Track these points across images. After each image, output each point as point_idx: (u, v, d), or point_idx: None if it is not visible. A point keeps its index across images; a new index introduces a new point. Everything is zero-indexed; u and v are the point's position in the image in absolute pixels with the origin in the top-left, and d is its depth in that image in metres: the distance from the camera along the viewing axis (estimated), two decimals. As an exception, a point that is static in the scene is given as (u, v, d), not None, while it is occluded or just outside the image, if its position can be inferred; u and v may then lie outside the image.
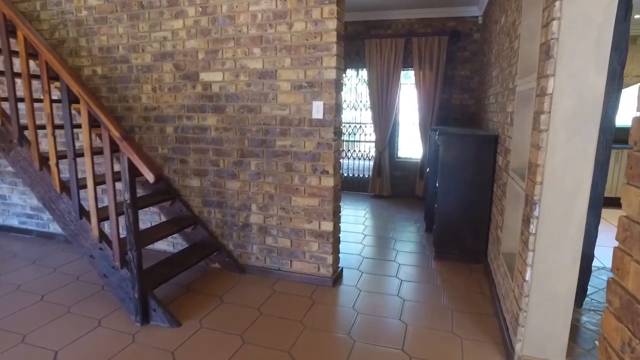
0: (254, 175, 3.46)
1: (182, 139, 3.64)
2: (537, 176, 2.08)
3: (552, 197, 2.06)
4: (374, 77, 6.43)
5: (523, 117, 2.75)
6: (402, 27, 6.38)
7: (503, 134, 3.35)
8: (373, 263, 3.93)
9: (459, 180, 3.81)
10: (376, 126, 6.58)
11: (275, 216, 3.47)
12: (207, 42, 3.39)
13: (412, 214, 5.78)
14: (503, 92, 3.47)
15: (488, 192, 3.75)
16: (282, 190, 3.40)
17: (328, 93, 3.11)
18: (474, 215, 3.84)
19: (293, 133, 3.27)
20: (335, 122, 3.16)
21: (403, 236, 4.78)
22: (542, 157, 2.05)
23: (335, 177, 3.27)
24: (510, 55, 3.22)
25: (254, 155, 3.43)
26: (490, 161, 3.69)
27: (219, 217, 3.67)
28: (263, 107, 3.33)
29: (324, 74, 3.10)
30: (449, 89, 6.31)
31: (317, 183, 3.27)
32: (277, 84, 3.25)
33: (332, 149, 3.18)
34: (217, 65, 3.40)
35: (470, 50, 6.16)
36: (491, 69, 4.49)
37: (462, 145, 3.77)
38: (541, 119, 2.03)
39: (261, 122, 3.35)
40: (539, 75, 2.16)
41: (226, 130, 3.48)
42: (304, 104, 3.20)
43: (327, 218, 3.31)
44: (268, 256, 3.58)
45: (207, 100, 3.49)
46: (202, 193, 3.68)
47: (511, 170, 2.86)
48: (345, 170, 7.23)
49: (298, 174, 3.32)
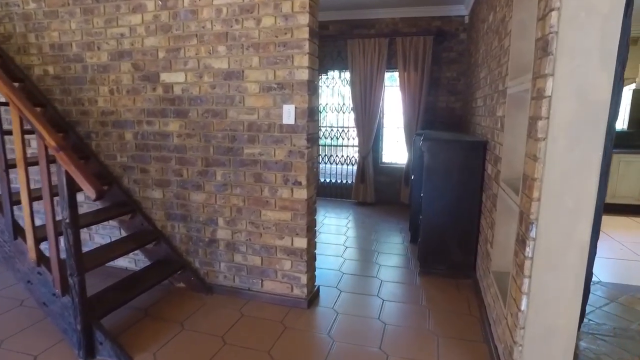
0: (220, 186, 3.14)
1: (142, 146, 3.30)
2: (534, 192, 1.79)
3: (551, 217, 1.78)
4: (357, 79, 6.15)
5: (515, 123, 2.47)
6: (385, 27, 6.11)
7: (492, 140, 3.08)
8: (353, 280, 3.63)
9: (445, 190, 3.53)
10: (359, 130, 6.29)
11: (244, 231, 3.15)
12: (167, 39, 3.06)
13: (397, 222, 5.49)
14: (492, 94, 3.20)
15: (476, 203, 3.47)
16: (250, 202, 3.08)
17: (300, 95, 2.81)
18: (462, 227, 3.56)
19: (262, 140, 2.96)
20: (308, 127, 2.85)
21: (387, 248, 4.49)
22: (539, 170, 1.77)
23: (309, 188, 2.96)
24: (500, 54, 2.96)
25: (220, 165, 3.10)
26: (478, 169, 3.42)
27: (184, 231, 3.34)
28: (229, 112, 3.01)
29: (295, 74, 2.80)
30: (434, 91, 6.05)
31: (289, 195, 2.96)
32: (244, 86, 2.94)
33: (305, 158, 2.87)
34: (179, 65, 3.07)
35: (456, 51, 5.91)
36: (479, 70, 4.23)
37: (448, 151, 3.49)
38: (538, 126, 1.75)
39: (227, 128, 3.03)
40: (534, 75, 1.88)
41: (189, 136, 3.15)
42: (273, 108, 2.89)
43: (301, 234, 2.99)
44: (237, 275, 3.25)
45: (168, 103, 3.16)
46: (165, 205, 3.34)
47: (502, 181, 2.58)
48: (328, 176, 6.93)
49: (268, 185, 3.00)
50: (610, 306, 3.14)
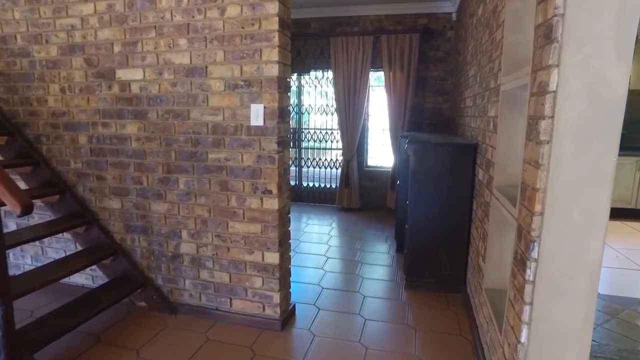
0: (184, 195, 2.82)
1: (98, 150, 2.97)
2: (536, 204, 1.51)
3: (556, 234, 1.50)
4: (340, 79, 5.86)
5: (510, 123, 2.19)
6: (370, 24, 5.84)
7: (484, 143, 2.81)
8: (334, 296, 3.32)
9: (432, 196, 3.25)
10: (343, 132, 6.00)
11: (209, 245, 2.83)
12: (123, 31, 2.74)
13: (383, 229, 5.21)
14: (482, 93, 2.93)
15: (467, 211, 3.20)
16: (217, 213, 2.76)
17: (269, 94, 2.51)
18: (451, 237, 3.28)
19: (228, 144, 2.65)
20: (279, 130, 2.55)
21: (371, 258, 4.19)
22: (542, 179, 1.48)
23: (281, 197, 2.65)
24: (491, 49, 2.69)
25: (183, 171, 2.79)
26: (468, 174, 3.14)
27: (145, 245, 3.01)
28: (192, 112, 2.69)
29: (264, 69, 2.49)
30: (421, 92, 5.79)
31: (259, 205, 2.65)
32: (207, 83, 2.62)
33: (276, 164, 2.56)
34: (137, 61, 2.75)
35: (443, 50, 5.66)
36: (467, 68, 3.97)
37: (436, 155, 3.22)
38: (540, 127, 1.47)
39: (190, 131, 2.72)
40: (534, 67, 1.60)
41: (149, 140, 2.83)
42: (240, 108, 2.58)
43: (272, 248, 2.68)
44: (203, 293, 2.93)
45: (125, 103, 2.83)
46: (124, 216, 3.01)
47: (495, 189, 2.31)
48: (311, 180, 6.63)
49: (235, 194, 2.69)
50: (611, 323, 2.88)
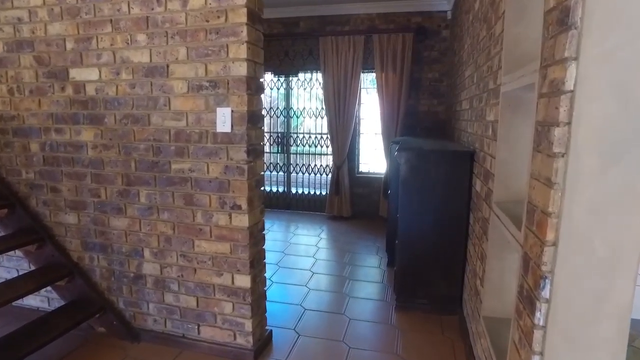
0: (145, 210, 2.51)
1: (51, 159, 2.66)
2: (548, 232, 1.21)
3: (574, 270, 1.20)
4: (330, 80, 5.56)
5: (512, 130, 1.90)
6: (361, 23, 5.55)
7: (482, 150, 2.51)
8: (316, 318, 3.01)
9: (425, 209, 2.95)
10: (333, 137, 5.70)
11: (174, 265, 2.52)
12: (76, 25, 2.43)
13: (375, 240, 4.90)
14: (480, 94, 2.64)
15: (463, 225, 2.90)
16: (181, 230, 2.45)
17: (237, 96, 2.20)
18: (445, 254, 2.97)
19: (193, 152, 2.34)
20: (249, 136, 2.24)
21: (360, 273, 3.89)
22: (555, 201, 1.18)
23: (252, 214, 2.34)
24: (490, 45, 2.39)
25: (144, 183, 2.48)
26: (465, 185, 2.84)
27: (104, 265, 2.69)
28: (152, 117, 2.39)
29: (231, 68, 2.19)
30: (415, 94, 5.50)
31: (227, 222, 2.34)
32: (169, 84, 2.32)
33: (245, 175, 2.25)
34: (92, 59, 2.44)
35: (438, 50, 5.37)
36: (463, 69, 3.68)
37: (429, 163, 2.92)
38: (553, 136, 1.17)
39: (150, 138, 2.41)
40: (544, 62, 1.31)
41: (107, 148, 2.52)
42: (205, 112, 2.28)
43: (243, 270, 2.37)
44: (169, 318, 2.62)
45: (80, 107, 2.53)
46: (81, 233, 2.69)
47: (495, 205, 2.01)
48: (300, 187, 6.32)
49: (201, 209, 2.38)
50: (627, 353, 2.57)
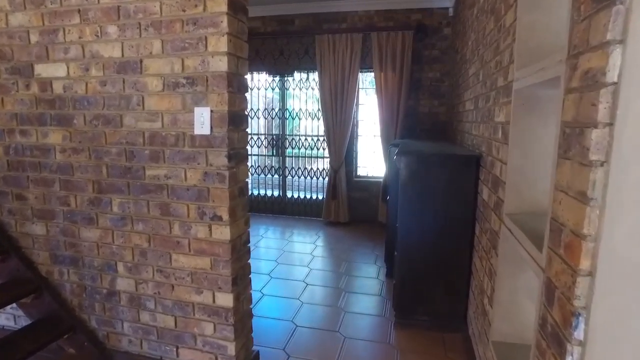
0: (118, 220, 2.27)
1: (16, 164, 2.42)
2: (582, 259, 0.98)
3: (618, 308, 0.96)
4: (327, 80, 5.34)
5: (526, 132, 1.67)
6: (359, 21, 5.33)
7: (489, 155, 2.28)
8: (309, 336, 2.78)
9: (426, 217, 2.72)
10: (330, 139, 5.47)
11: (150, 281, 2.29)
12: (41, 16, 2.20)
13: (373, 247, 4.67)
14: (487, 93, 2.41)
15: (468, 236, 2.66)
16: (157, 243, 2.22)
17: (217, 94, 1.97)
18: (449, 266, 2.74)
19: (169, 157, 2.11)
20: (230, 139, 2.01)
21: (358, 285, 3.65)
22: (592, 220, 0.95)
23: (235, 225, 2.11)
24: (499, 38, 2.16)
25: (117, 191, 2.24)
26: (470, 192, 2.61)
27: (75, 280, 2.46)
28: (125, 118, 2.15)
29: (210, 63, 1.96)
30: (415, 94, 5.27)
31: (207, 234, 2.11)
32: (143, 82, 2.09)
33: (227, 183, 2.02)
34: (59, 54, 2.21)
35: (439, 48, 5.14)
36: (467, 67, 3.45)
37: (431, 168, 2.69)
38: (589, 139, 0.94)
39: (123, 140, 2.18)
40: (573, 50, 1.08)
41: (76, 152, 2.28)
42: (182, 112, 2.05)
43: (224, 288, 2.14)
44: (145, 339, 2.38)
45: (47, 106, 2.29)
46: (50, 244, 2.46)
47: (507, 217, 1.78)
48: (296, 191, 6.08)
49: (179, 220, 2.15)
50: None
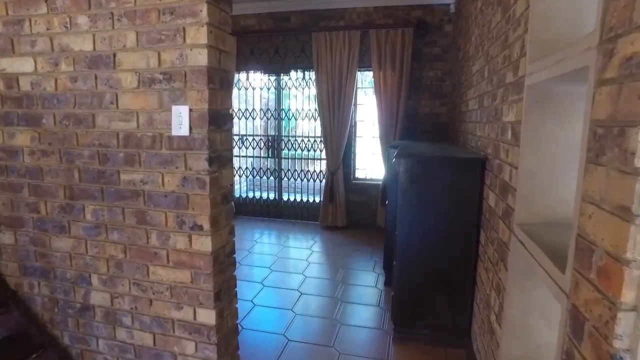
0: (92, 228, 2.08)
1: (-16, 167, 2.24)
2: (625, 289, 0.79)
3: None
4: (324, 79, 5.15)
5: (540, 132, 1.48)
6: (357, 18, 5.14)
7: (496, 158, 2.09)
8: (301, 352, 2.58)
9: (427, 224, 2.53)
10: (327, 140, 5.28)
11: (127, 296, 2.09)
12: (4, 4, 2.01)
13: (371, 253, 4.47)
14: (493, 91, 2.22)
15: (472, 244, 2.47)
16: (134, 254, 2.03)
17: (197, 91, 1.78)
18: (451, 277, 2.55)
19: (145, 161, 1.92)
20: (211, 141, 1.82)
21: (355, 294, 3.46)
22: (638, 242, 0.76)
23: (217, 235, 1.92)
24: (507, 30, 1.97)
25: (90, 197, 2.05)
26: (474, 197, 2.42)
27: (46, 293, 2.27)
28: (98, 117, 1.97)
29: (188, 57, 1.77)
30: (415, 94, 5.08)
31: (186, 245, 1.92)
32: (116, 78, 1.90)
33: (207, 189, 1.83)
34: (25, 47, 2.02)
35: (441, 46, 4.96)
36: (470, 64, 3.26)
37: (432, 171, 2.50)
38: (633, 141, 0.75)
39: (96, 142, 1.99)
40: (608, 33, 0.89)
41: (46, 154, 2.09)
42: (159, 111, 1.86)
43: (206, 303, 1.94)
44: (122, 358, 2.18)
45: (14, 104, 2.10)
46: (19, 255, 2.27)
47: (518, 227, 1.59)
48: (293, 194, 5.89)
49: (156, 230, 1.96)
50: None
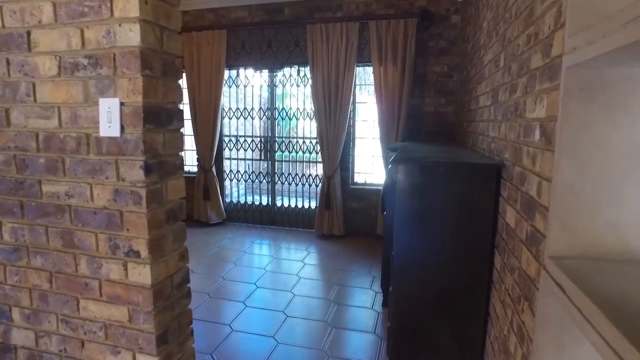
0: (11, 252, 1.68)
1: None
2: None
3: None
4: (319, 76, 4.73)
5: (587, 132, 1.05)
6: (356, 8, 4.72)
7: (517, 165, 1.66)
8: (279, 395, 2.17)
9: (430, 244, 2.11)
10: (323, 142, 4.86)
11: (54, 335, 1.69)
12: None
13: (369, 266, 4.05)
14: (512, 81, 1.79)
15: (484, 270, 2.04)
16: (61, 284, 1.63)
17: (128, 79, 1.37)
18: (458, 307, 2.12)
19: (70, 168, 1.52)
20: (147, 143, 1.41)
21: (347, 318, 3.04)
22: None
23: (161, 264, 1.50)
24: (533, 3, 1.55)
25: (7, 212, 1.65)
26: (487, 212, 1.99)
27: (-33, 327, 1.88)
28: (12, 113, 1.57)
29: (117, 35, 1.36)
30: (419, 91, 4.65)
31: (121, 275, 1.51)
32: (32, 63, 1.50)
33: (144, 205, 1.42)
34: None
35: (447, 39, 4.52)
36: (481, 54, 2.84)
37: (437, 180, 2.07)
38: None
39: (11, 145, 1.59)
40: None
41: (-43, 159, 1.70)
42: (84, 105, 1.45)
43: (147, 348, 1.53)
44: (54, 409, 1.79)
45: None
46: (-64, 280, 1.88)
47: (552, 261, 1.16)
48: (287, 199, 5.48)
49: (86, 255, 1.56)
50: None
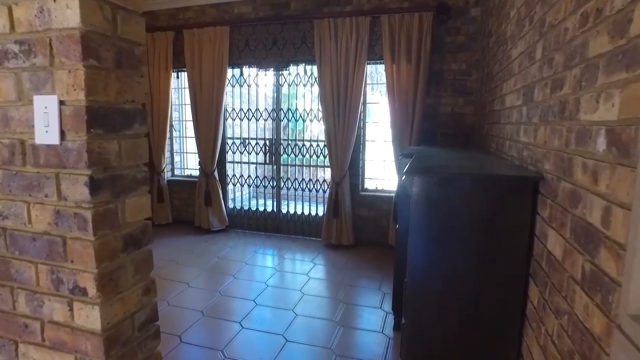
0: (-55, 281, 1.40)
1: None
2: None
3: None
4: (327, 74, 4.42)
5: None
6: (367, 2, 4.39)
7: (564, 179, 1.32)
8: None
9: (450, 271, 1.77)
10: (331, 145, 4.55)
11: (-5, 384, 1.41)
12: None
13: (380, 281, 3.71)
14: (556, 75, 1.45)
15: (516, 303, 1.71)
16: (-2, 325, 1.34)
17: (68, 71, 1.08)
18: (483, 349, 1.79)
19: (3, 183, 1.22)
20: (93, 153, 1.11)
21: (354, 343, 2.71)
22: None
23: (115, 303, 1.20)
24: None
25: (-61, 234, 1.37)
26: (521, 234, 1.66)
27: None
28: (-59, 114, 1.29)
29: (52, 14, 1.07)
30: (435, 91, 4.30)
31: (66, 317, 1.21)
32: (-40, 51, 1.22)
33: (89, 230, 1.12)
34: None
35: (465, 34, 4.17)
36: (507, 47, 2.49)
37: (459, 194, 1.74)
38: None
39: (-61, 152, 1.31)
40: None
41: None
42: (17, 104, 1.16)
43: (97, 411, 1.24)
44: None
45: None
46: None
47: (633, 320, 0.83)
48: (293, 205, 5.16)
49: (25, 290, 1.26)
50: None
